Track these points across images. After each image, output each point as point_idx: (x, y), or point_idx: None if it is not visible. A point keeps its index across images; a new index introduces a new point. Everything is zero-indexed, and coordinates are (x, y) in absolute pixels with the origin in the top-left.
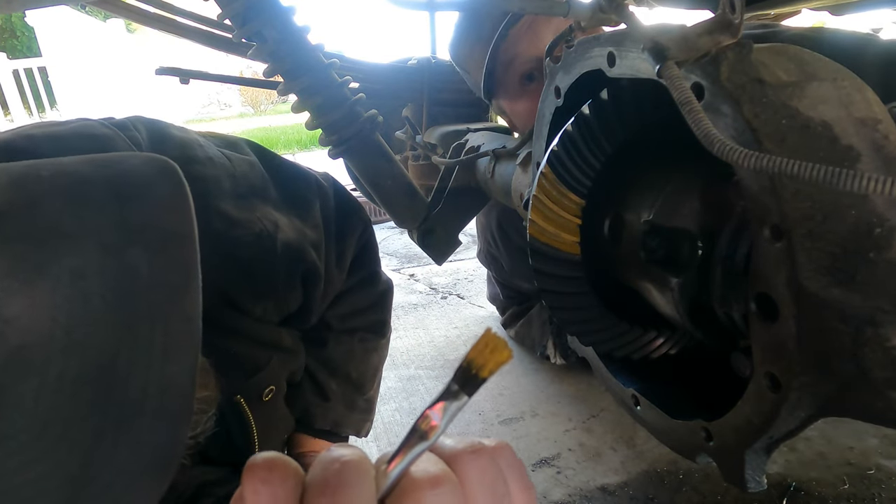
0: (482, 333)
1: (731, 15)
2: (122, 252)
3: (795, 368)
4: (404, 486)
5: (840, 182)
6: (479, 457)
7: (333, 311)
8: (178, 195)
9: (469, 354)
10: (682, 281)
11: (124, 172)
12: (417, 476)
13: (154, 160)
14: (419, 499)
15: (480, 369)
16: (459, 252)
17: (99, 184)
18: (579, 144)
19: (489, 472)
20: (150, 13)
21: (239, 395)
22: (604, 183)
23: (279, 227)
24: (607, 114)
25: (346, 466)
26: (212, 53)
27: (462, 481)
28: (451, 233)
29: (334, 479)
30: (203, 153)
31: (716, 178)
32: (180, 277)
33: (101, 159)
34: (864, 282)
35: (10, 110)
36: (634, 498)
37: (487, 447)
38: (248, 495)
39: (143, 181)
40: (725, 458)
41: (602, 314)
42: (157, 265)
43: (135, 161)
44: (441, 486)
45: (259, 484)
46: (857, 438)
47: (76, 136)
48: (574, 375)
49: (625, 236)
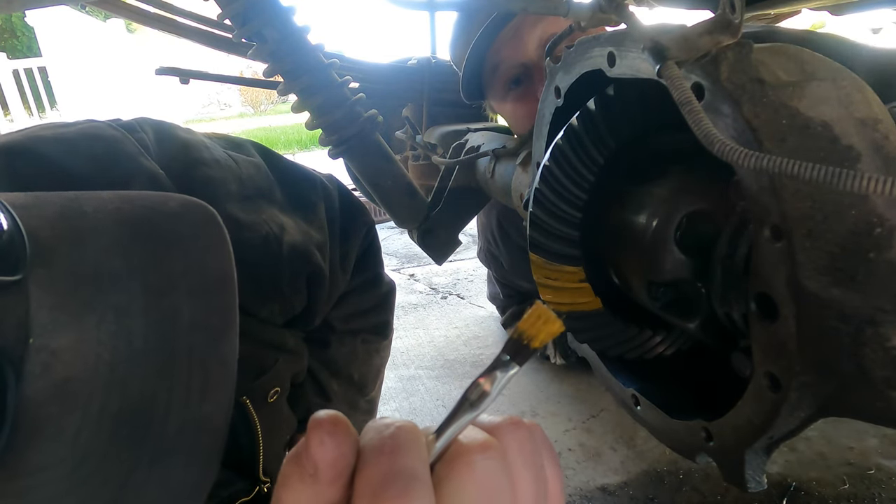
0: (533, 305)
1: (731, 15)
2: (166, 294)
3: (795, 368)
4: (454, 451)
5: (840, 182)
6: (518, 429)
7: (336, 313)
8: (219, 242)
9: (520, 325)
10: (699, 323)
11: (167, 216)
12: (466, 442)
13: (195, 205)
14: (470, 462)
15: (532, 340)
16: (459, 252)
17: (142, 225)
18: (550, 229)
19: (528, 444)
20: (150, 13)
21: (245, 397)
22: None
23: (285, 230)
24: (563, 216)
25: (401, 430)
26: (212, 53)
27: (503, 451)
28: (451, 233)
29: (390, 442)
30: (210, 155)
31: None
32: (220, 321)
33: (141, 199)
34: (864, 282)
35: (10, 110)
36: (634, 498)
37: (525, 422)
38: (313, 446)
39: (187, 226)
40: (725, 458)
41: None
42: (198, 308)
43: (173, 204)
44: (490, 450)
45: (326, 436)
46: (857, 438)
47: (84, 137)
48: (574, 375)
49: (631, 290)
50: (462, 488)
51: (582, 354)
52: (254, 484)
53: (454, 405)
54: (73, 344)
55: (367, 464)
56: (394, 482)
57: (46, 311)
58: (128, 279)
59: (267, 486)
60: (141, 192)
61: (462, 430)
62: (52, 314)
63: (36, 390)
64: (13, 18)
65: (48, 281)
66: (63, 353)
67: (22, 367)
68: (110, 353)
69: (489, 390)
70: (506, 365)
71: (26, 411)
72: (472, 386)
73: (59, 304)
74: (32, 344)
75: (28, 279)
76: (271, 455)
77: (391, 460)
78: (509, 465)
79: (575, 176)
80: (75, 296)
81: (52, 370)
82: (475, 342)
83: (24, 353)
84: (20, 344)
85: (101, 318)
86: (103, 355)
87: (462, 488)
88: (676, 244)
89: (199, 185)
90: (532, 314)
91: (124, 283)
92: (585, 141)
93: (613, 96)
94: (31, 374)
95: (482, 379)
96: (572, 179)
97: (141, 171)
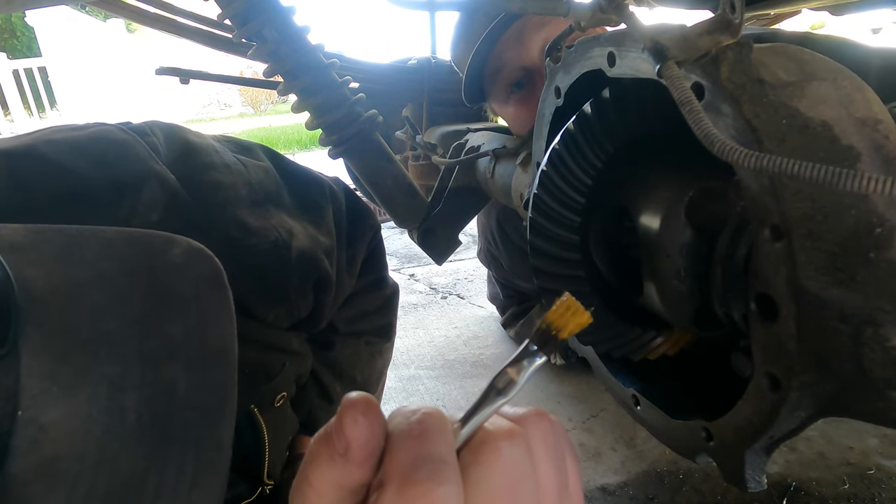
0: (562, 297)
1: (731, 15)
2: (162, 366)
3: (795, 368)
4: (480, 437)
5: (840, 182)
6: (543, 421)
7: (340, 315)
8: (222, 305)
9: (548, 316)
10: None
11: (171, 267)
12: (493, 429)
13: (199, 256)
14: (497, 448)
15: (560, 331)
16: (459, 252)
17: (144, 278)
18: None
19: (551, 435)
20: (150, 13)
21: (254, 406)
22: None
23: (294, 235)
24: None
25: (428, 416)
26: (212, 53)
27: (528, 440)
28: (451, 233)
29: (418, 427)
30: (219, 159)
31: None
32: (217, 400)
33: (143, 243)
34: (864, 282)
35: (10, 110)
36: (634, 498)
37: (548, 414)
38: (347, 425)
39: (190, 282)
40: (725, 458)
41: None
42: (194, 384)
43: (177, 252)
44: (516, 438)
45: (360, 415)
46: (857, 438)
47: (94, 140)
48: (574, 375)
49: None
50: (489, 473)
51: (582, 354)
52: (256, 485)
53: (480, 394)
54: (63, 419)
55: (396, 447)
56: (423, 465)
57: (37, 381)
58: (124, 344)
59: (269, 488)
60: (148, 232)
61: (488, 418)
62: (43, 384)
63: (22, 468)
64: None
65: (41, 346)
66: (52, 429)
67: (9, 441)
68: (101, 430)
69: (517, 379)
70: (533, 355)
71: (10, 490)
72: (500, 374)
73: (51, 373)
74: (20, 417)
75: (19, 344)
76: (276, 457)
77: (420, 444)
78: (533, 454)
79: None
80: (68, 363)
81: (40, 446)
82: (475, 342)
83: (12, 426)
84: (7, 417)
85: (94, 390)
86: (94, 432)
87: (489, 473)
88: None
89: (208, 190)
90: (561, 305)
91: (119, 350)
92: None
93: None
94: (17, 449)
95: (510, 368)
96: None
97: (151, 175)
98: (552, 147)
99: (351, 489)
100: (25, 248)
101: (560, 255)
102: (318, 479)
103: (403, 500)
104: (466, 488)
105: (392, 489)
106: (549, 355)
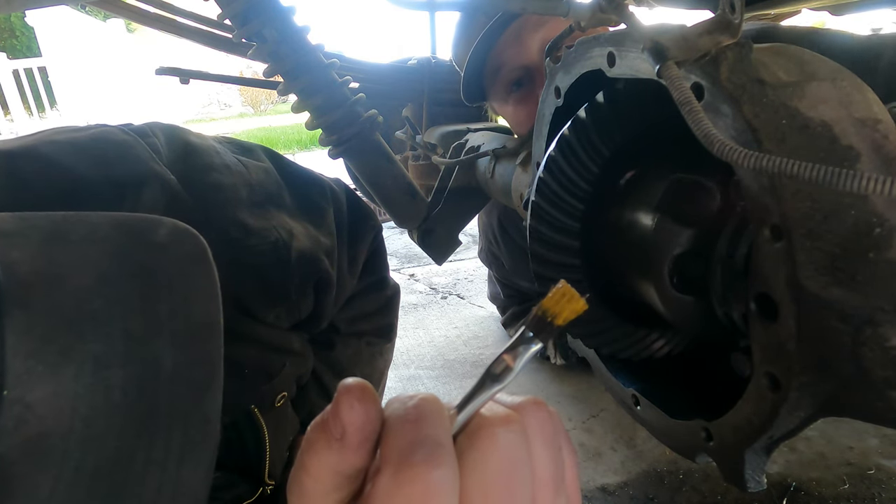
0: (558, 284)
1: (731, 15)
2: (148, 343)
3: (795, 368)
4: (477, 423)
5: (840, 182)
6: (539, 409)
7: (342, 315)
8: (207, 283)
9: (544, 303)
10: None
11: (156, 247)
12: (489, 415)
13: (185, 235)
14: (493, 433)
15: (555, 317)
16: (459, 252)
17: (129, 258)
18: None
19: (548, 424)
20: (150, 13)
21: (254, 406)
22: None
23: (294, 236)
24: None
25: (424, 401)
26: (212, 53)
27: (524, 427)
28: (452, 233)
29: (414, 411)
30: (220, 160)
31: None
32: (203, 375)
33: (129, 224)
34: (864, 282)
35: (10, 110)
36: (634, 498)
37: (545, 404)
38: (343, 410)
39: (175, 261)
40: (725, 458)
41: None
42: (180, 360)
43: (163, 232)
44: (512, 424)
45: (355, 401)
46: (857, 438)
47: (95, 141)
48: (574, 375)
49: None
50: (485, 458)
51: (582, 354)
52: (257, 486)
53: (476, 380)
54: (48, 397)
55: (393, 431)
56: (419, 448)
57: (22, 360)
58: (108, 323)
59: (270, 488)
60: (134, 215)
61: (484, 404)
62: (28, 363)
63: (9, 447)
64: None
65: (25, 326)
66: (38, 407)
67: None
68: (87, 407)
69: (513, 365)
70: (528, 342)
71: None
72: (496, 361)
73: (36, 352)
74: (6, 396)
75: (4, 324)
76: (276, 458)
77: (416, 428)
78: (529, 441)
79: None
80: (53, 342)
81: (26, 425)
82: (475, 342)
83: None
84: None
85: (80, 368)
86: (80, 409)
87: (485, 458)
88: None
89: (209, 191)
90: (556, 293)
91: (104, 328)
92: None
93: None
94: (4, 428)
95: (506, 355)
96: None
97: (152, 176)
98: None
99: (348, 475)
100: (11, 234)
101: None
102: (314, 464)
103: (399, 482)
104: (462, 473)
105: (388, 472)
106: (544, 342)
